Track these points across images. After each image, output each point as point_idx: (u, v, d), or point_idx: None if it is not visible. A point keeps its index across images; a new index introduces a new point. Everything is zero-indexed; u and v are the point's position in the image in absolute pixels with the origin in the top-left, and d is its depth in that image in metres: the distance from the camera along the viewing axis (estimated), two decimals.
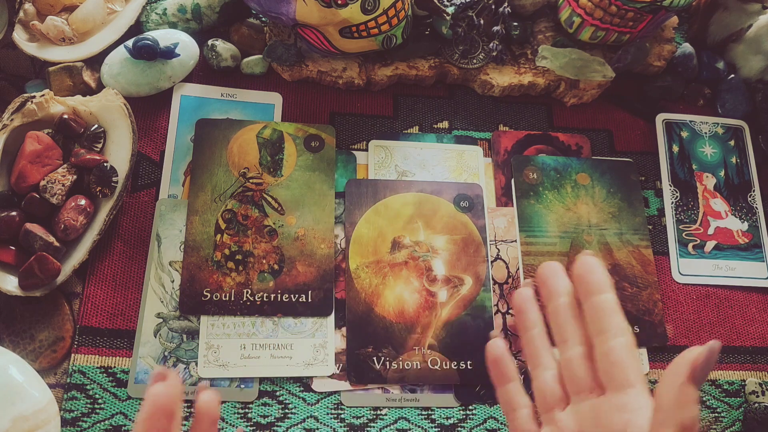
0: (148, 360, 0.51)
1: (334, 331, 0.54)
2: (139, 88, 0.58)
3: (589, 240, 0.60)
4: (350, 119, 0.63)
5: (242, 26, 0.62)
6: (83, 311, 0.52)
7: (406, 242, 0.58)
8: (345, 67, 0.61)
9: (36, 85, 0.58)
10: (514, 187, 0.62)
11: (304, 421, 0.52)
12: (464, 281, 0.57)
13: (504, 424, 0.53)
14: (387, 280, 0.56)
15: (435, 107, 0.65)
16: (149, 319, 0.52)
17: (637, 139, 0.67)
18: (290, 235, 0.56)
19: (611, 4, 0.59)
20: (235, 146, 0.59)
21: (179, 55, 0.58)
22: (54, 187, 0.52)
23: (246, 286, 0.54)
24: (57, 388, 0.50)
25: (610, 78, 0.64)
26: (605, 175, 0.63)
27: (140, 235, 0.55)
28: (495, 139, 0.64)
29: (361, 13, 0.53)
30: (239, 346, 0.53)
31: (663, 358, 0.58)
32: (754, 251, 0.64)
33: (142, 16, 0.61)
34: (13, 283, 0.50)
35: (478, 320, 0.56)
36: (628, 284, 0.59)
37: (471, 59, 0.64)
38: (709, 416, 0.57)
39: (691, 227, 0.64)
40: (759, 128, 0.69)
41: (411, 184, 0.60)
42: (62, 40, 0.59)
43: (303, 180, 0.58)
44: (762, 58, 0.68)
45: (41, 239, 0.50)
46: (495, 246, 0.59)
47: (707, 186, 0.66)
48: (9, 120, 0.52)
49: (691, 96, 0.69)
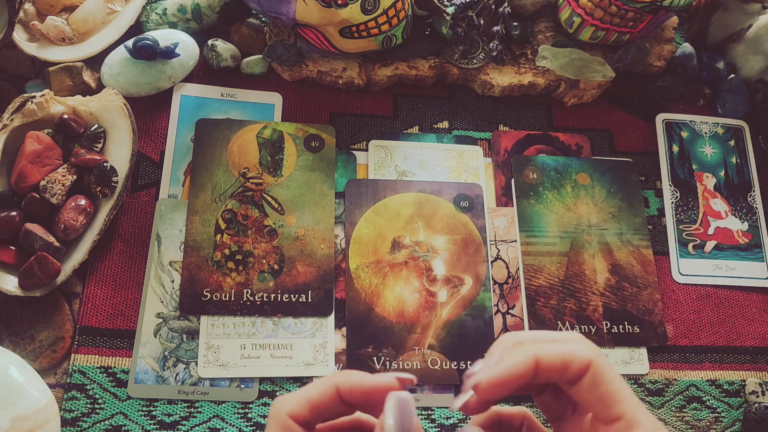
0: (148, 360, 0.51)
1: (334, 331, 0.54)
2: (139, 88, 0.58)
3: (589, 240, 0.60)
4: (350, 119, 0.63)
5: (242, 26, 0.62)
6: (83, 311, 0.52)
7: (406, 242, 0.58)
8: (345, 67, 0.61)
9: (36, 85, 0.58)
10: (514, 187, 0.62)
11: None
12: (464, 281, 0.57)
13: None
14: (387, 280, 0.56)
15: (435, 107, 0.65)
16: (149, 319, 0.52)
17: (637, 139, 0.67)
18: (290, 235, 0.56)
19: (611, 4, 0.59)
20: (235, 146, 0.59)
21: (179, 55, 0.58)
22: (54, 187, 0.52)
23: (246, 286, 0.54)
24: (57, 388, 0.50)
25: (610, 78, 0.64)
26: (605, 175, 0.63)
27: (140, 235, 0.55)
28: (495, 139, 0.64)
29: (361, 13, 0.53)
30: (239, 346, 0.53)
31: (663, 358, 0.58)
32: (754, 251, 0.64)
33: (142, 16, 0.61)
34: (13, 283, 0.50)
35: (478, 320, 0.56)
36: (628, 284, 0.59)
37: (471, 59, 0.64)
38: (709, 416, 0.57)
39: (691, 227, 0.64)
40: (759, 128, 0.69)
41: (411, 184, 0.60)
42: (62, 40, 0.59)
43: (303, 180, 0.58)
44: (762, 58, 0.68)
45: (41, 239, 0.50)
46: (495, 246, 0.59)
47: (707, 186, 0.66)
48: (9, 120, 0.52)
49: (691, 96, 0.69)
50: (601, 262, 0.60)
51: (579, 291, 0.58)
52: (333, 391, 0.30)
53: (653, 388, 0.57)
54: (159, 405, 0.50)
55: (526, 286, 0.58)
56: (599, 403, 0.28)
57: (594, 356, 0.28)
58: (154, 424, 0.50)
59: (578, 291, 0.58)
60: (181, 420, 0.50)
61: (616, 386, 0.28)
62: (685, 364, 0.58)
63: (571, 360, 0.28)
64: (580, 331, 0.57)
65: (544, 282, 0.58)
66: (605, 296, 0.58)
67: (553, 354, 0.28)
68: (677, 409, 0.57)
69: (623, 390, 0.28)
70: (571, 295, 0.58)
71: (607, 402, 0.28)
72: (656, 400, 0.56)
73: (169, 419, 0.50)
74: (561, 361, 0.28)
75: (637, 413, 0.28)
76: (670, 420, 0.56)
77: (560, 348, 0.29)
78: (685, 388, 0.57)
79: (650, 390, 0.57)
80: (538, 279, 0.58)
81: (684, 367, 0.58)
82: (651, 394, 0.57)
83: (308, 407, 0.30)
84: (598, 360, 0.28)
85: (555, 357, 0.28)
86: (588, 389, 0.28)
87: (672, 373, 0.58)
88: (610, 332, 0.57)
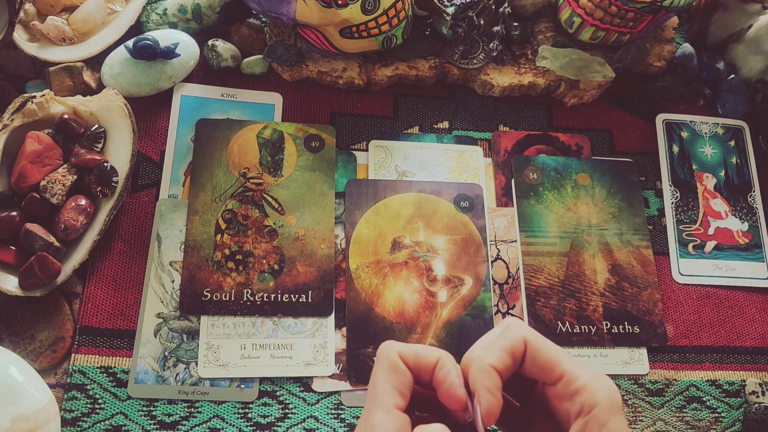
0: (148, 360, 0.51)
1: (334, 331, 0.54)
2: (140, 88, 0.58)
3: (589, 240, 0.60)
4: (350, 119, 0.63)
5: (242, 26, 0.62)
6: (83, 311, 0.52)
7: (407, 242, 0.58)
8: (345, 68, 0.61)
9: (36, 85, 0.58)
10: (514, 187, 0.62)
11: (304, 421, 0.52)
12: (464, 281, 0.57)
13: None
14: (387, 280, 0.56)
15: (435, 107, 0.65)
16: (149, 319, 0.52)
17: (637, 139, 0.67)
18: (290, 235, 0.56)
19: (611, 5, 0.59)
20: (235, 146, 0.59)
21: (179, 55, 0.58)
22: (54, 187, 0.52)
23: (246, 286, 0.54)
24: (57, 388, 0.50)
25: (610, 78, 0.64)
26: (605, 175, 0.63)
27: (140, 235, 0.55)
28: (495, 139, 0.64)
29: (361, 13, 0.53)
30: (239, 346, 0.53)
31: (663, 358, 0.58)
32: (754, 251, 0.64)
33: (142, 17, 0.61)
34: (13, 283, 0.50)
35: (478, 320, 0.56)
36: (628, 284, 0.59)
37: (471, 59, 0.64)
38: (709, 416, 0.57)
39: (691, 227, 0.64)
40: (759, 128, 0.69)
41: (411, 185, 0.60)
42: (62, 40, 0.59)
43: (303, 180, 0.58)
44: (762, 58, 0.68)
45: (41, 239, 0.50)
46: (495, 246, 0.59)
47: (707, 186, 0.66)
48: (9, 120, 0.52)
49: (691, 96, 0.69)
50: (601, 263, 0.60)
51: (579, 291, 0.58)
52: (435, 358, 0.31)
53: (653, 388, 0.57)
54: (159, 405, 0.50)
55: (526, 286, 0.58)
56: (542, 370, 0.31)
57: (525, 334, 0.32)
58: (154, 424, 0.50)
59: (578, 291, 0.58)
60: (181, 420, 0.50)
61: (551, 352, 0.32)
62: (685, 365, 0.58)
63: (512, 349, 0.31)
64: (581, 331, 0.57)
65: (544, 282, 0.58)
66: (605, 296, 0.58)
67: (500, 354, 0.31)
68: (677, 409, 0.57)
69: (558, 353, 0.32)
70: (571, 296, 0.58)
71: (547, 367, 0.31)
72: (656, 401, 0.56)
73: (169, 419, 0.50)
74: (509, 355, 0.31)
75: (574, 369, 0.31)
76: (670, 420, 0.56)
77: (502, 344, 0.31)
78: (685, 388, 0.57)
79: (650, 390, 0.57)
80: (538, 279, 0.58)
81: (684, 367, 0.58)
82: (651, 394, 0.57)
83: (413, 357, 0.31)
84: (529, 336, 0.32)
85: (503, 356, 0.31)
86: (531, 363, 0.32)
87: (672, 373, 0.58)
88: (610, 332, 0.57)
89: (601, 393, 0.30)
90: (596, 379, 0.31)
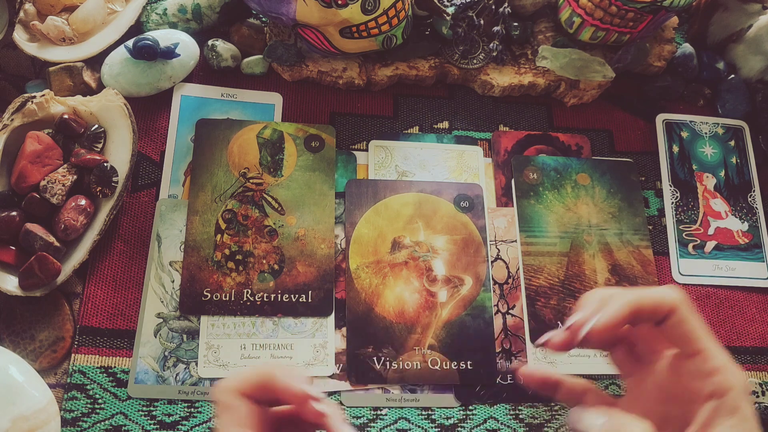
0: (148, 360, 0.51)
1: (334, 331, 0.54)
2: (140, 88, 0.58)
3: (589, 240, 0.60)
4: (350, 119, 0.63)
5: (242, 26, 0.62)
6: (83, 311, 0.52)
7: (407, 242, 0.58)
8: (345, 67, 0.61)
9: (36, 85, 0.58)
10: (514, 187, 0.62)
11: None
12: (464, 281, 0.57)
13: (504, 424, 0.53)
14: (387, 280, 0.56)
15: (435, 107, 0.65)
16: (149, 319, 0.52)
17: (637, 139, 0.67)
18: (290, 235, 0.56)
19: (611, 5, 0.59)
20: (235, 146, 0.59)
21: (179, 55, 0.58)
22: (54, 187, 0.52)
23: (246, 286, 0.54)
24: (57, 388, 0.50)
25: (610, 78, 0.64)
26: (605, 175, 0.64)
27: (140, 235, 0.55)
28: (495, 139, 0.64)
29: (361, 13, 0.53)
30: (239, 346, 0.53)
31: None
32: (754, 251, 0.64)
33: (142, 16, 0.61)
34: (13, 283, 0.50)
35: (478, 320, 0.56)
36: (629, 284, 0.59)
37: (471, 59, 0.64)
38: None
39: (691, 227, 0.64)
40: (759, 128, 0.69)
41: (411, 185, 0.60)
42: (62, 40, 0.59)
43: (303, 180, 0.58)
44: (762, 58, 0.68)
45: (41, 239, 0.50)
46: (495, 246, 0.59)
47: (707, 186, 0.66)
48: (9, 120, 0.52)
49: (691, 96, 0.69)
50: (601, 263, 0.60)
51: (579, 291, 0.58)
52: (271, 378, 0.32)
53: None
54: (159, 405, 0.51)
55: (527, 286, 0.58)
56: (682, 339, 0.33)
57: (678, 300, 0.33)
58: (154, 424, 0.50)
59: (578, 291, 0.58)
60: (181, 420, 0.50)
61: (697, 326, 0.33)
62: None
63: (661, 303, 0.33)
64: None
65: (545, 282, 0.58)
66: None
67: (647, 299, 0.33)
68: None
69: (703, 329, 0.33)
70: (571, 295, 0.58)
71: (689, 338, 0.33)
72: None
73: (169, 419, 0.50)
74: (653, 304, 0.33)
75: (713, 348, 0.32)
76: None
77: (651, 294, 0.33)
78: None
79: None
80: (538, 279, 0.58)
81: None
82: None
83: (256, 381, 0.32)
84: (682, 303, 0.33)
85: (649, 301, 0.33)
86: (674, 327, 0.33)
87: None
88: None
89: (738, 377, 0.31)
90: (732, 363, 0.32)
